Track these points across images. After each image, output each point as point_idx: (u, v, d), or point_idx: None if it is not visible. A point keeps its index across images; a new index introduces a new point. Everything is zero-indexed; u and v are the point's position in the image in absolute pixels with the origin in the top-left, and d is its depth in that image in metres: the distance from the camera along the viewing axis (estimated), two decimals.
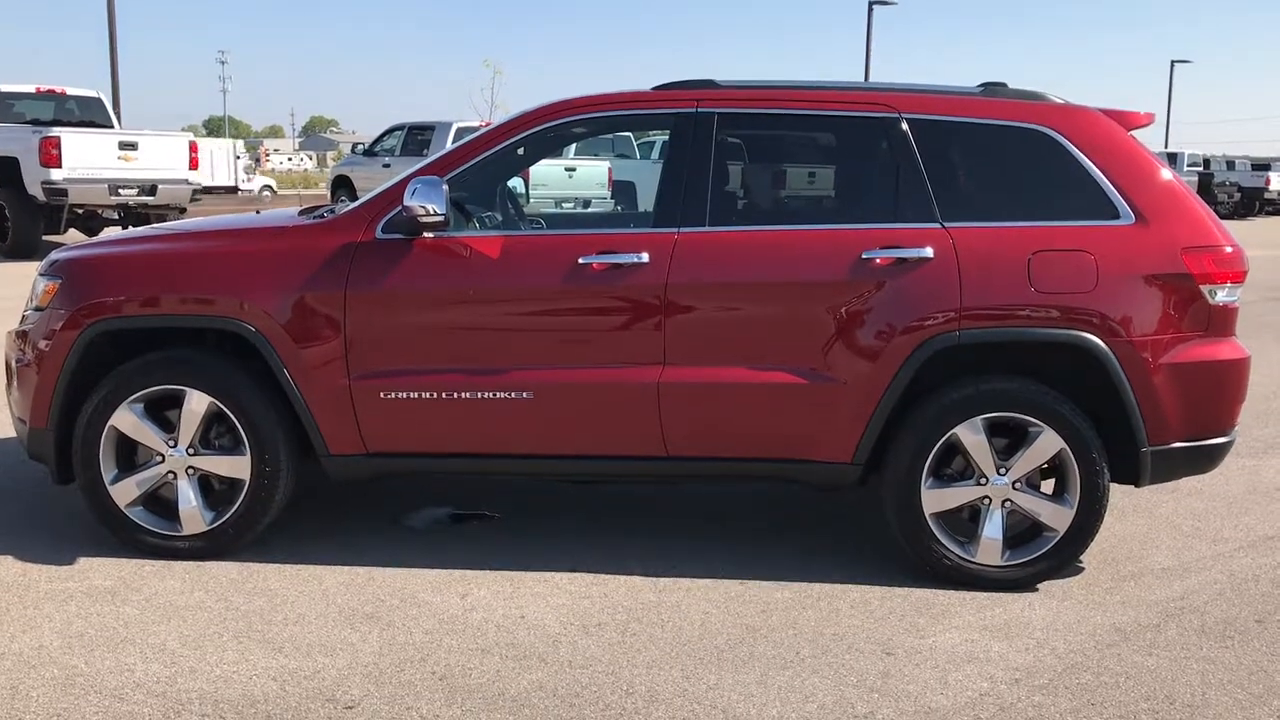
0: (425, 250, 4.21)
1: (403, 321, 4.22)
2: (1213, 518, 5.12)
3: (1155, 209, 4.15)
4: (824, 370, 4.12)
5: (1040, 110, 4.27)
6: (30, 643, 3.60)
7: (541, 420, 4.22)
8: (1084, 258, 4.07)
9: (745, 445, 4.24)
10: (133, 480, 4.34)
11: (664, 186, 4.34)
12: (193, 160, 16.05)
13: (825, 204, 4.74)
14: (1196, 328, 4.13)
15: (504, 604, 3.98)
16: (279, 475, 4.30)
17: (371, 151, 21.31)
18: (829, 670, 3.51)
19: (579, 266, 4.16)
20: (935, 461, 4.14)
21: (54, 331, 4.33)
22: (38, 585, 4.08)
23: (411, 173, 4.33)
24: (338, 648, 3.61)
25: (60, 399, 4.31)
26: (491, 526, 4.87)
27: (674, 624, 3.84)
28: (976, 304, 4.05)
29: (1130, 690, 3.41)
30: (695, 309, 4.15)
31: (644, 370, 4.16)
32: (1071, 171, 4.18)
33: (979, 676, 3.48)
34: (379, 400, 4.22)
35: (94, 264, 4.48)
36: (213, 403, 4.25)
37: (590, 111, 4.48)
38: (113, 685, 3.32)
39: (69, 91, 16.88)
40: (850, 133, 4.40)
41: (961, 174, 4.25)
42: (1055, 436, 4.08)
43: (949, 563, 4.16)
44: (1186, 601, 4.11)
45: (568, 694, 3.33)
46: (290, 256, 4.26)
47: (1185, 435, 4.15)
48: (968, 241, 4.10)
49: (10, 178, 14.86)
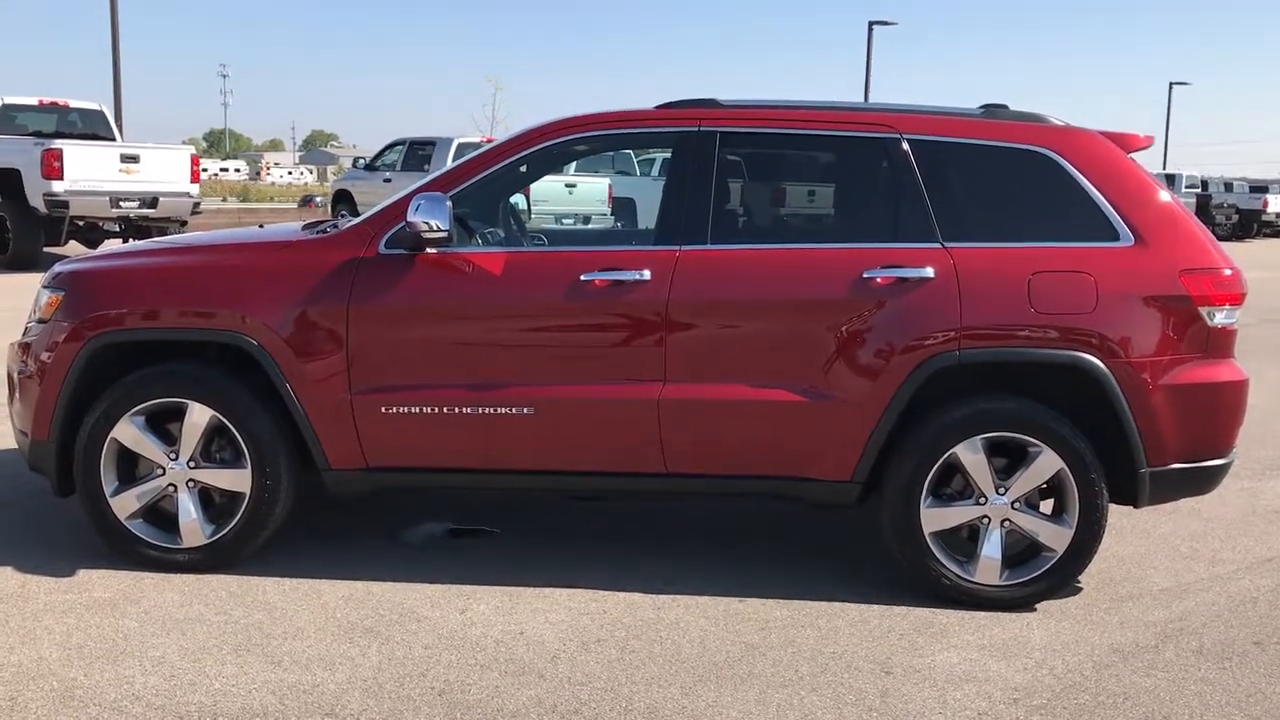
0: (428, 266, 4.23)
1: (405, 337, 4.23)
2: (1211, 539, 5.12)
3: (1154, 231, 4.17)
4: (824, 388, 4.14)
5: (1041, 132, 4.30)
6: (29, 654, 3.60)
7: (542, 436, 4.23)
8: (1083, 279, 4.09)
9: (745, 462, 4.24)
10: (133, 493, 4.34)
11: (666, 204, 4.36)
12: (194, 173, 16.10)
13: (826, 223, 4.77)
14: (1195, 349, 4.14)
15: (503, 620, 3.98)
16: (279, 489, 4.31)
17: (372, 166, 21.35)
18: (828, 689, 3.51)
19: (581, 283, 4.18)
20: (934, 480, 4.15)
21: (57, 344, 4.34)
22: (37, 597, 4.08)
23: (415, 189, 4.35)
24: (337, 662, 3.61)
25: (62, 411, 4.32)
26: (491, 542, 4.87)
27: (673, 641, 3.84)
28: (977, 324, 4.07)
29: (1128, 711, 3.41)
30: (696, 326, 4.16)
31: (644, 387, 4.17)
32: (1071, 193, 4.21)
33: (977, 696, 3.49)
34: (380, 415, 4.23)
35: (97, 277, 4.49)
36: (214, 416, 4.26)
37: (593, 129, 4.50)
38: (112, 698, 3.32)
39: (71, 104, 16.93)
40: (851, 152, 4.43)
41: (962, 194, 4.27)
42: (1054, 457, 4.09)
43: (948, 582, 4.17)
44: (1184, 623, 4.12)
45: (566, 710, 3.33)
46: (293, 271, 4.28)
47: (1184, 456, 4.17)
48: (968, 262, 4.12)
49: (12, 189, 14.89)
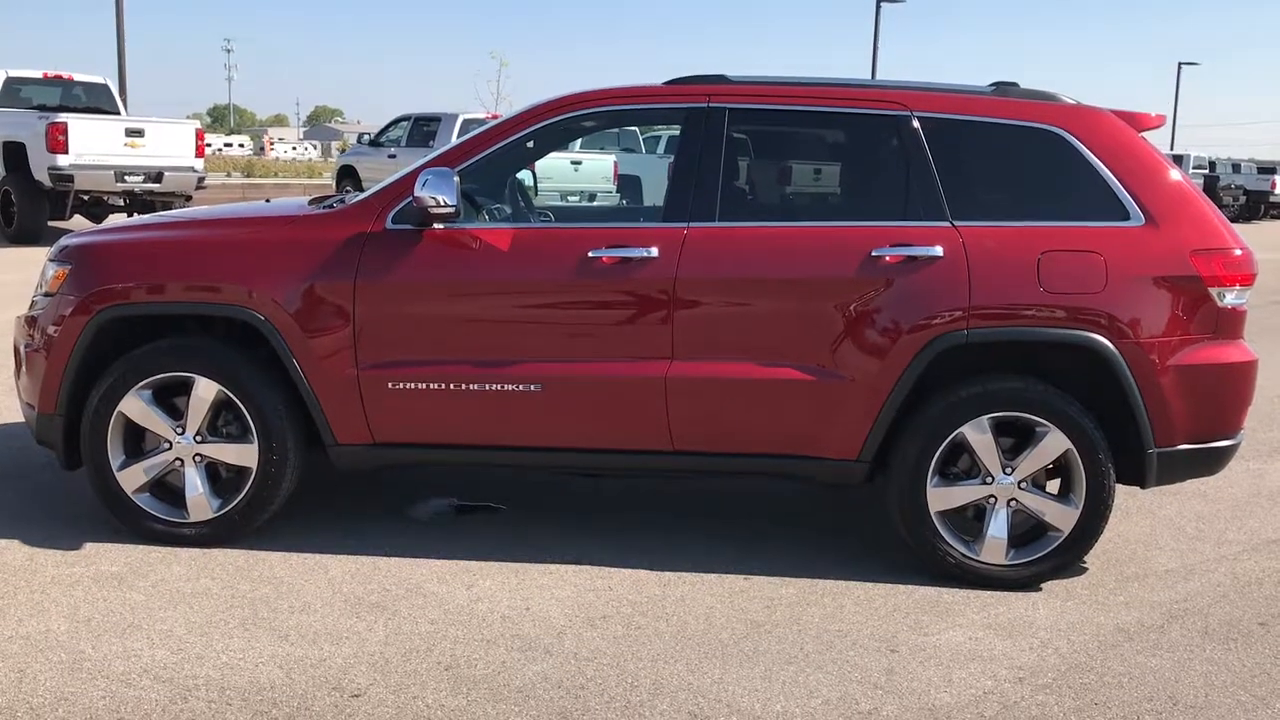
0: (435, 241, 4.22)
1: (411, 312, 4.23)
2: (1217, 520, 5.12)
3: (1165, 211, 4.15)
4: (832, 367, 4.13)
5: (1051, 110, 4.27)
6: (37, 627, 3.62)
7: (548, 413, 4.23)
8: (1093, 258, 4.07)
9: (751, 441, 4.24)
10: (140, 467, 4.35)
11: (674, 181, 4.34)
12: (199, 148, 16.05)
13: (835, 201, 4.74)
14: (1205, 330, 4.13)
15: (509, 595, 3.99)
16: (286, 464, 4.31)
17: (377, 142, 21.25)
18: (833, 666, 3.52)
19: (588, 260, 4.17)
20: (941, 460, 4.15)
21: (63, 317, 4.34)
22: (45, 570, 4.09)
23: (422, 164, 4.34)
24: (344, 636, 3.62)
25: (69, 385, 4.32)
26: (497, 518, 4.88)
27: (679, 618, 3.85)
28: (985, 303, 4.05)
29: (1133, 691, 3.42)
30: (703, 304, 4.15)
31: (651, 364, 4.17)
32: (1082, 172, 4.19)
33: (983, 675, 3.49)
34: (387, 390, 4.22)
35: (104, 250, 4.48)
36: (221, 390, 4.26)
37: (601, 105, 4.48)
38: (120, 670, 3.34)
39: (76, 77, 16.85)
40: (861, 130, 4.40)
41: (972, 173, 4.25)
42: (1061, 437, 4.08)
43: (953, 561, 4.17)
44: (1190, 603, 4.12)
45: (573, 686, 3.34)
46: (300, 246, 4.27)
47: (1191, 437, 4.16)
48: (977, 241, 4.10)
49: (17, 163, 14.86)
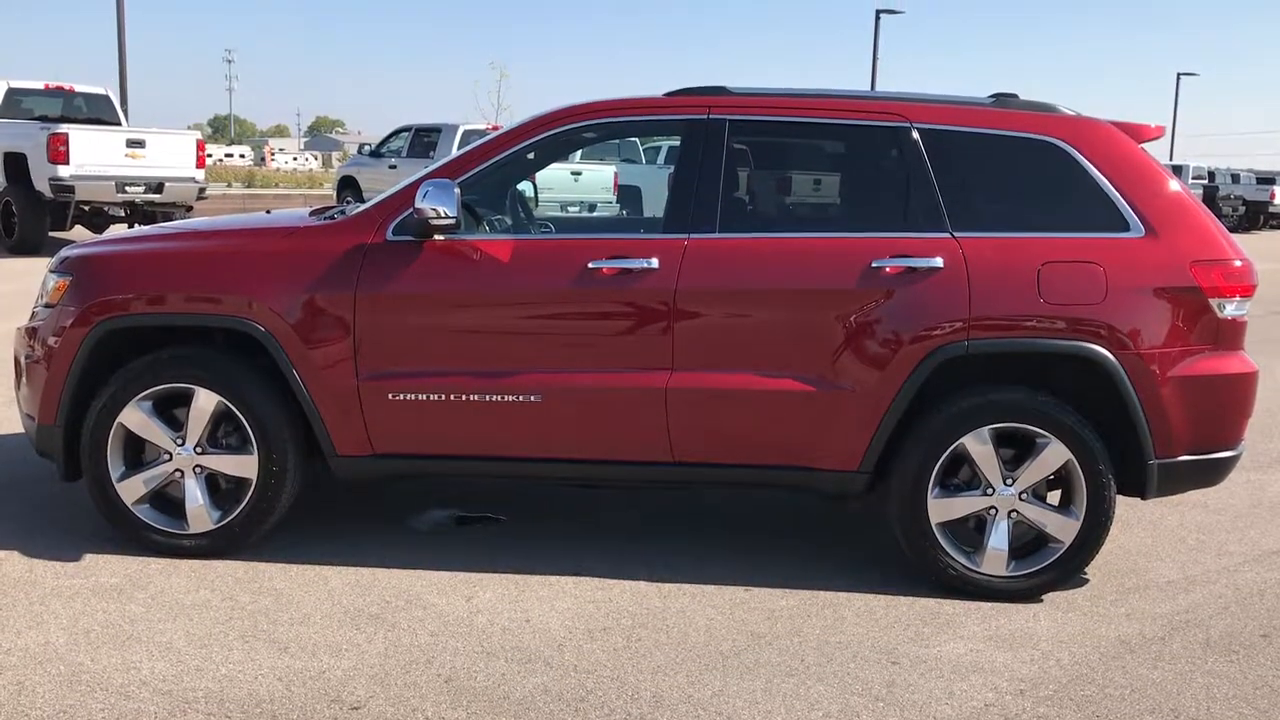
0: (436, 253, 4.22)
1: (412, 323, 4.23)
2: (1218, 531, 5.11)
3: (1165, 222, 4.15)
4: (832, 378, 4.13)
5: (1051, 122, 4.28)
6: (36, 639, 3.61)
7: (548, 423, 4.22)
8: (1093, 269, 4.07)
9: (752, 452, 4.24)
10: (140, 478, 4.34)
11: (674, 192, 4.34)
12: (200, 159, 16.08)
13: (835, 212, 4.75)
14: (1205, 341, 4.13)
15: (509, 607, 3.98)
16: (286, 475, 4.31)
17: (378, 153, 21.33)
18: (834, 678, 3.51)
19: (589, 271, 4.17)
20: (942, 471, 4.14)
21: (64, 328, 4.34)
22: (44, 582, 4.08)
23: (423, 175, 4.34)
24: (343, 648, 3.61)
25: (69, 396, 4.32)
26: (497, 529, 4.87)
27: (679, 629, 3.84)
28: (985, 314, 4.05)
29: (1135, 703, 3.41)
30: (704, 315, 4.15)
31: (652, 375, 4.16)
32: (1082, 183, 4.19)
33: (984, 687, 3.48)
34: (387, 401, 4.22)
35: (105, 262, 4.49)
36: (221, 401, 4.26)
37: (602, 117, 4.48)
38: (119, 683, 3.33)
39: (77, 88, 16.90)
40: (861, 141, 4.41)
41: (972, 184, 4.25)
42: (1062, 448, 4.08)
43: (954, 572, 4.16)
44: (1191, 615, 4.11)
45: (573, 698, 3.33)
46: (300, 257, 4.27)
47: (1192, 448, 4.15)
48: (978, 252, 4.10)
49: (18, 174, 14.89)
